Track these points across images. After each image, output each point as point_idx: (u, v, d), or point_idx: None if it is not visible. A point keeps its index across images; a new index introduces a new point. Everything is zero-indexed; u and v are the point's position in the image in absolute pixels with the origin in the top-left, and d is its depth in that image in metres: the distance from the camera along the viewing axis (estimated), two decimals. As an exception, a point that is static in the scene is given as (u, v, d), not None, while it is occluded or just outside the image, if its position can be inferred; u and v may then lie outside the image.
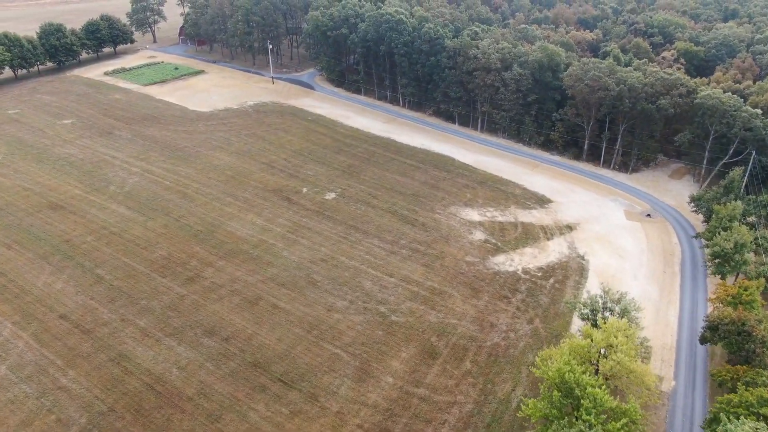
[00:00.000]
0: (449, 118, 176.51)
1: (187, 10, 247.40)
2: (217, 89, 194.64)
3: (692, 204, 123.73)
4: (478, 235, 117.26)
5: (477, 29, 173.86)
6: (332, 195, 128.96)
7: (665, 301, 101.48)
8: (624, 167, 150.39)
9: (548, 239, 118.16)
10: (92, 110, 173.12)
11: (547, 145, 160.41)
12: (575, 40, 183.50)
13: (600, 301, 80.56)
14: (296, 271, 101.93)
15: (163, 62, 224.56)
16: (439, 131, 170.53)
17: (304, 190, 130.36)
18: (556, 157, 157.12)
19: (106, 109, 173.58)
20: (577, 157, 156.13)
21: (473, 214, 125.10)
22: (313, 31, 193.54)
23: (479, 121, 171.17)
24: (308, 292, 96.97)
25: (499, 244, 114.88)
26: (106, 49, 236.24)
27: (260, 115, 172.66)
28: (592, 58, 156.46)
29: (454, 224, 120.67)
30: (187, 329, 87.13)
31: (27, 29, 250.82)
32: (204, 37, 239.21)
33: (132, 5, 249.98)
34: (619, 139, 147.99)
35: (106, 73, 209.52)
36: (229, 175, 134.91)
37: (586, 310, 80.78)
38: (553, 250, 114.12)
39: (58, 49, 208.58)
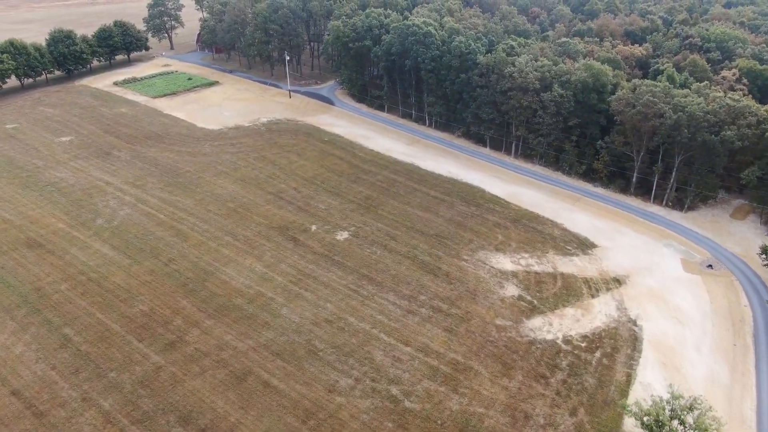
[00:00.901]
0: (480, 140, 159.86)
1: (205, 15, 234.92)
2: (229, 103, 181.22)
3: (765, 256, 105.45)
4: (511, 290, 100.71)
5: (513, 43, 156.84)
6: (345, 234, 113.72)
7: (738, 386, 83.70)
8: (678, 204, 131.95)
9: (593, 296, 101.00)
10: (94, 126, 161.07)
11: (590, 176, 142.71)
12: (622, 56, 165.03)
13: (667, 409, 63.63)
14: (295, 335, 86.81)
15: (176, 71, 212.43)
16: (468, 156, 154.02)
17: (314, 228, 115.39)
18: (600, 190, 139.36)
19: (108, 126, 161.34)
20: (624, 190, 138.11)
21: (505, 262, 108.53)
22: (333, 42, 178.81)
23: (513, 145, 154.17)
24: (307, 364, 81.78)
25: (536, 302, 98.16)
26: (120, 57, 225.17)
27: (273, 134, 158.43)
28: (645, 80, 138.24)
29: (482, 274, 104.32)
30: (159, 415, 72.62)
31: (46, 33, 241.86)
32: (221, 45, 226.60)
33: (149, 10, 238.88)
34: (673, 173, 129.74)
35: (115, 83, 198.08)
36: (231, 208, 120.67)
37: (649, 420, 63.91)
38: (599, 312, 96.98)
39: (67, 57, 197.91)
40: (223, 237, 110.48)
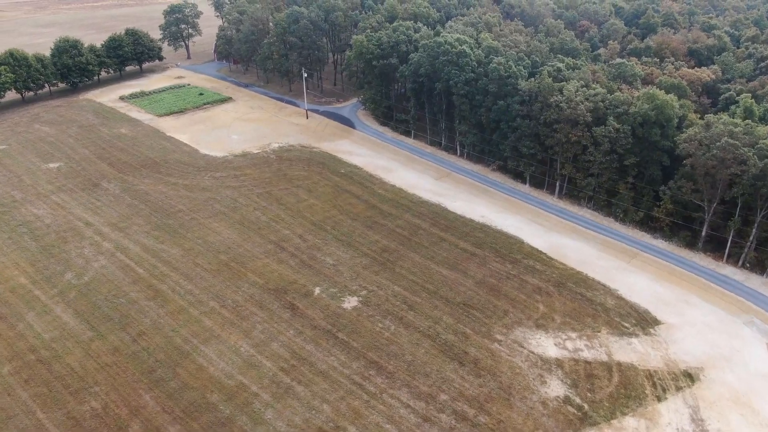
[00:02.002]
0: (518, 176, 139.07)
1: (223, 24, 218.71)
2: (239, 124, 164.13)
3: None
4: (555, 387, 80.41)
5: (560, 65, 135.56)
6: (353, 301, 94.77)
7: None
8: (759, 266, 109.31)
9: (659, 398, 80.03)
10: (88, 149, 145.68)
11: (649, 225, 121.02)
12: (687, 80, 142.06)
13: None
14: (279, 455, 68.31)
15: (189, 85, 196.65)
16: (505, 195, 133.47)
17: (317, 291, 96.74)
18: (661, 243, 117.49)
19: (104, 150, 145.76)
20: (691, 245, 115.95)
21: (548, 345, 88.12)
22: (355, 59, 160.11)
23: (557, 184, 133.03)
24: (290, 501, 63.17)
25: (587, 406, 77.66)
26: (132, 67, 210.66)
27: (283, 164, 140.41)
28: (720, 115, 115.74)
29: (519, 363, 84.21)
30: None
31: (73, 37, 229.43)
32: (237, 57, 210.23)
33: (164, 17, 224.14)
34: (754, 229, 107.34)
35: (121, 98, 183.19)
36: (223, 261, 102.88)
37: None
38: (669, 424, 76.03)
39: (71, 69, 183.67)
40: (208, 302, 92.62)
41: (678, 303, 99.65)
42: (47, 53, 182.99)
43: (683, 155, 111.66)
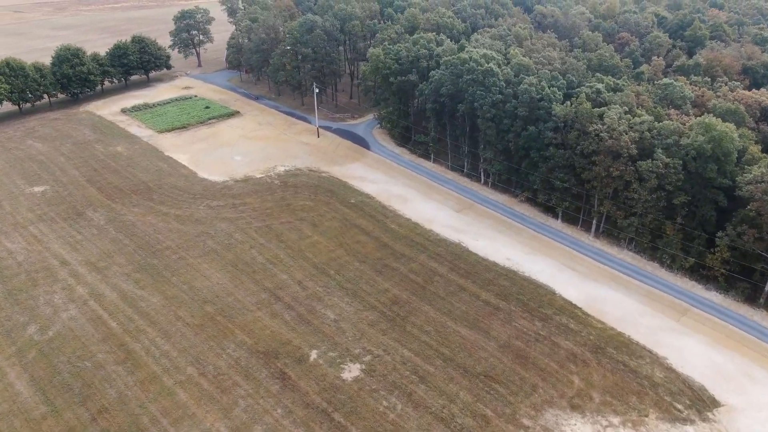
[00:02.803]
0: (549, 209, 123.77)
1: (233, 31, 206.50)
2: (245, 143, 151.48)
3: None
4: (596, 496, 65.61)
5: (599, 86, 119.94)
6: (355, 369, 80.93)
7: None
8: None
9: None
10: (79, 171, 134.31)
11: (700, 273, 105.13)
12: (744, 104, 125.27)
13: None
14: None
15: (196, 96, 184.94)
16: (534, 231, 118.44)
17: (314, 355, 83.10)
18: (716, 297, 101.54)
19: (95, 171, 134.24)
20: (751, 300, 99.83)
21: (585, 434, 73.39)
22: (371, 74, 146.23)
23: (594, 221, 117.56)
24: None
25: None
26: (138, 76, 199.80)
27: (287, 191, 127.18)
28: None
29: (551, 460, 69.58)
30: None
31: (82, 41, 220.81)
32: (248, 67, 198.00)
33: (174, 23, 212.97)
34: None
35: (123, 111, 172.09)
36: (209, 313, 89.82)
37: None
38: None
39: (71, 79, 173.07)
40: (186, 368, 79.56)
41: (739, 377, 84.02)
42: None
43: (746, 198, 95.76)
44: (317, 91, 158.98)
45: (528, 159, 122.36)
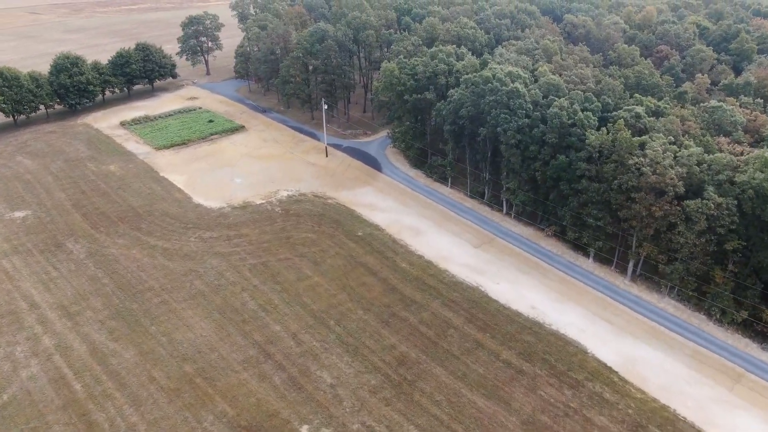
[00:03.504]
0: (579, 246, 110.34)
1: (241, 40, 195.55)
2: (247, 163, 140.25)
3: None
4: None
5: (639, 109, 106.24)
6: (352, 452, 68.78)
7: None
8: None
9: None
10: (66, 193, 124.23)
11: (754, 329, 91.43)
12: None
13: None
14: None
15: (200, 108, 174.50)
16: (561, 272, 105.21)
17: (304, 431, 71.05)
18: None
19: (83, 194, 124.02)
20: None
21: None
22: (384, 91, 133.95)
23: (630, 264, 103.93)
24: None
25: None
26: (140, 86, 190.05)
27: (288, 221, 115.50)
28: None
29: None
30: None
31: (92, 45, 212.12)
32: (255, 77, 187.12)
33: (182, 29, 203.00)
34: None
35: (122, 124, 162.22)
36: (188, 374, 78.28)
37: None
38: None
39: (69, 90, 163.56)
40: (154, 448, 68.15)
41: (810, 469, 70.13)
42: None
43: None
44: (326, 107, 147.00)
45: (557, 190, 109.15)
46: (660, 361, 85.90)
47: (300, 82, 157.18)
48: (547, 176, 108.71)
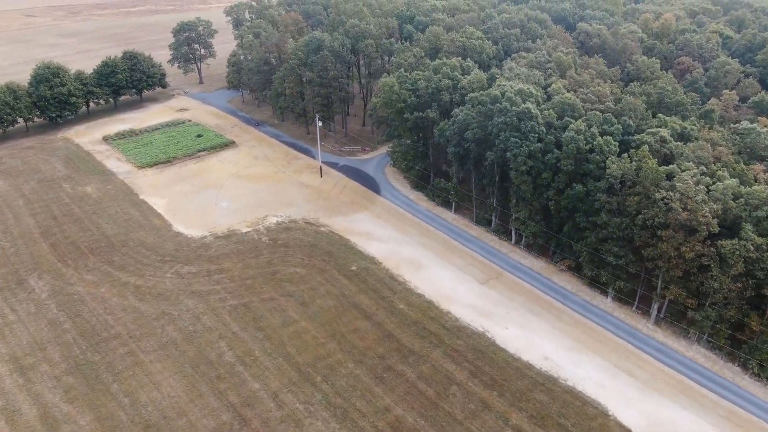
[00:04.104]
0: (596, 283, 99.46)
1: (234, 48, 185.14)
2: (235, 184, 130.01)
3: None
4: None
5: (664, 133, 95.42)
6: None
7: None
8: None
9: None
10: (36, 219, 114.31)
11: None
12: None
13: None
14: None
15: (190, 121, 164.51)
16: (577, 314, 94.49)
17: None
18: (824, 425, 76.72)
19: (55, 219, 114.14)
20: None
21: None
22: (383, 107, 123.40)
23: (656, 307, 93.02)
24: None
25: None
26: (127, 96, 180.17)
27: (276, 253, 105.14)
28: None
29: None
30: None
31: (85, 50, 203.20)
32: (248, 87, 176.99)
33: (173, 35, 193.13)
34: None
35: (105, 138, 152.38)
36: (148, 448, 68.03)
37: None
38: None
39: (50, 102, 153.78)
40: None
41: None
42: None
43: None
44: (320, 124, 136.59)
45: (572, 222, 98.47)
46: (691, 424, 75.23)
47: (294, 95, 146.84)
48: (561, 206, 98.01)
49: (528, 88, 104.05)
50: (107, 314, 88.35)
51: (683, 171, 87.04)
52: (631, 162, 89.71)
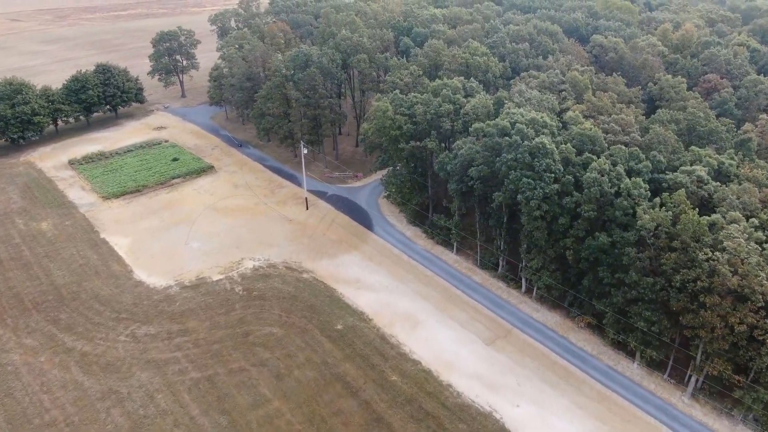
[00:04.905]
0: (621, 344, 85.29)
1: (217, 61, 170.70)
2: (210, 219, 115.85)
3: None
4: None
5: (701, 172, 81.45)
6: None
7: None
8: None
9: None
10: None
11: None
12: None
13: None
14: None
15: (167, 142, 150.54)
16: (600, 383, 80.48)
17: None
18: None
19: (1, 263, 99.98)
20: None
21: None
22: (375, 134, 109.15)
23: (691, 378, 78.87)
24: None
25: None
26: (100, 113, 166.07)
27: (250, 308, 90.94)
28: None
29: None
30: None
31: (66, 58, 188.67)
32: (230, 104, 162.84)
33: (153, 46, 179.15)
34: None
35: (71, 162, 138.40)
36: None
37: None
38: None
39: (10, 122, 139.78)
40: None
41: None
42: (35, 80, 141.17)
43: None
44: (305, 151, 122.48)
45: (593, 275, 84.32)
46: None
47: (279, 116, 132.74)
48: (580, 257, 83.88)
49: (542, 117, 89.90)
50: (43, 393, 74.25)
51: (729, 223, 72.97)
52: (666, 211, 75.61)
